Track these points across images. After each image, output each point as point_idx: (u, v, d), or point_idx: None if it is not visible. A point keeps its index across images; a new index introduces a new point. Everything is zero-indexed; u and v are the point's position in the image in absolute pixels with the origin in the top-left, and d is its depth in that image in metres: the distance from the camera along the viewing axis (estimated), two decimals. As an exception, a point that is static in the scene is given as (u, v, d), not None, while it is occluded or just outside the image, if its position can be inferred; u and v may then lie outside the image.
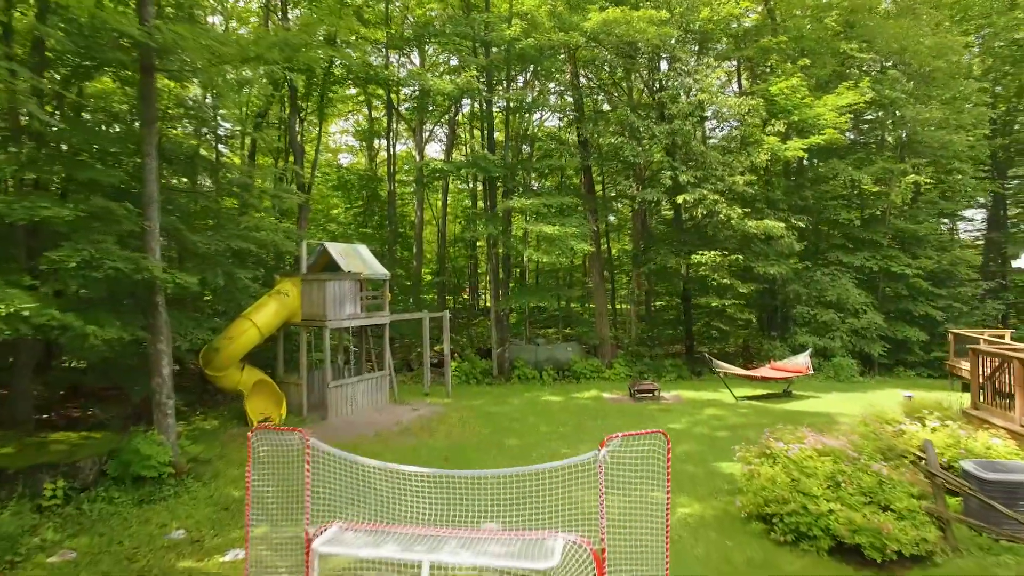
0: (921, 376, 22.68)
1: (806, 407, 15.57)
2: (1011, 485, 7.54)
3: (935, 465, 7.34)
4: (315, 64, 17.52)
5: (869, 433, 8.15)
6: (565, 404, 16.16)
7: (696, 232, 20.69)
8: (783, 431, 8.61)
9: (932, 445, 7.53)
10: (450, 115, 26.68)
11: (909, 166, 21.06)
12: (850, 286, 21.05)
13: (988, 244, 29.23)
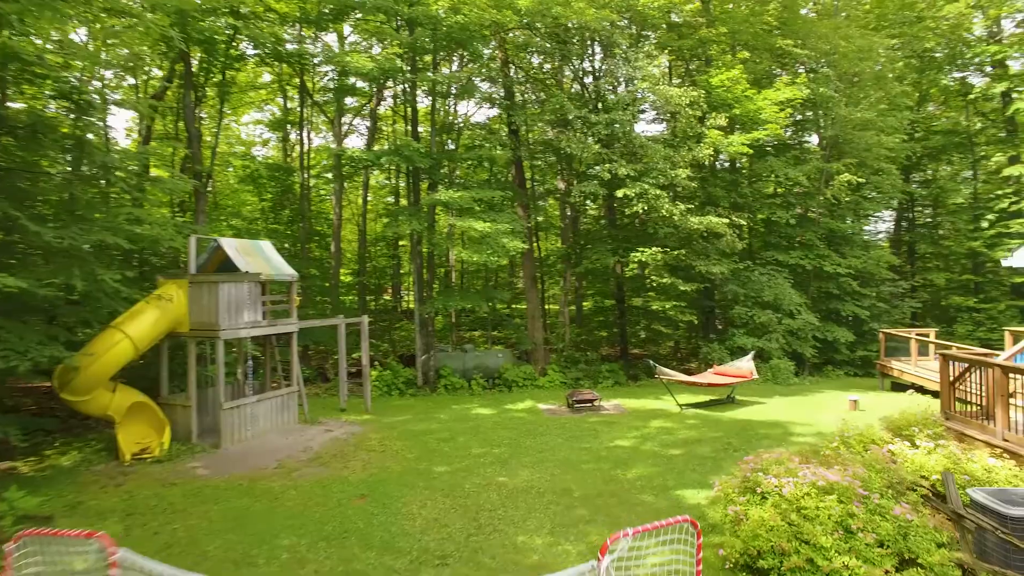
0: (848, 375, 22.38)
1: (754, 415, 14.50)
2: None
3: (957, 502, 6.07)
4: (216, 34, 15.15)
5: (872, 462, 6.80)
6: (498, 418, 14.45)
7: (634, 229, 19.47)
8: (770, 462, 7.16)
9: (953, 478, 6.27)
10: (372, 106, 24.49)
11: (842, 165, 20.59)
12: (787, 286, 20.37)
13: (897, 244, 29.65)
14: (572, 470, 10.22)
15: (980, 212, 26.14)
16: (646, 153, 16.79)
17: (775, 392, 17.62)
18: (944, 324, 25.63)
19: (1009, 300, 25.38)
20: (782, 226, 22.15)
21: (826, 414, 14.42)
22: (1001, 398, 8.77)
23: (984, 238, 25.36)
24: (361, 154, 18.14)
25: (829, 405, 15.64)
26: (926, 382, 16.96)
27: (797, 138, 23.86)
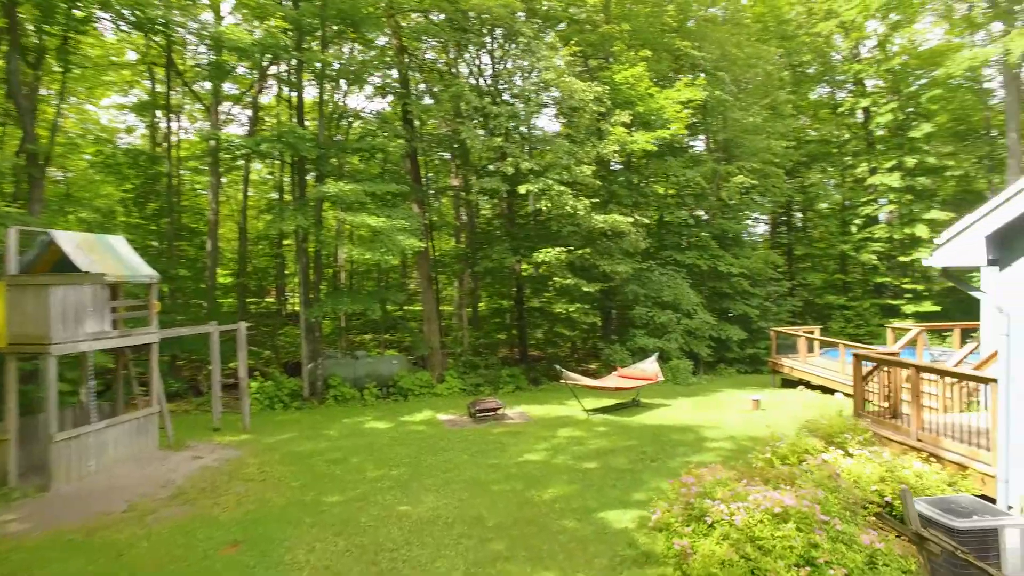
0: (740, 372, 22.76)
1: (662, 419, 13.97)
2: (985, 533, 5.94)
3: (917, 522, 5.47)
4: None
5: (823, 480, 6.13)
6: (395, 433, 13.05)
7: (535, 228, 18.61)
8: (713, 484, 6.33)
9: (911, 496, 5.68)
10: (253, 94, 22.09)
11: (736, 168, 20.82)
12: (685, 286, 20.29)
13: (775, 246, 30.85)
14: (482, 492, 9.07)
15: (848, 217, 27.62)
16: (550, 148, 15.95)
17: (677, 393, 17.31)
18: (819, 321, 26.79)
19: (872, 299, 26.93)
20: (678, 226, 22.17)
21: (731, 415, 14.18)
22: (915, 397, 8.52)
23: (852, 242, 26.79)
24: (240, 140, 16.05)
25: (732, 405, 15.46)
26: (814, 378, 17.29)
27: (691, 140, 24.06)
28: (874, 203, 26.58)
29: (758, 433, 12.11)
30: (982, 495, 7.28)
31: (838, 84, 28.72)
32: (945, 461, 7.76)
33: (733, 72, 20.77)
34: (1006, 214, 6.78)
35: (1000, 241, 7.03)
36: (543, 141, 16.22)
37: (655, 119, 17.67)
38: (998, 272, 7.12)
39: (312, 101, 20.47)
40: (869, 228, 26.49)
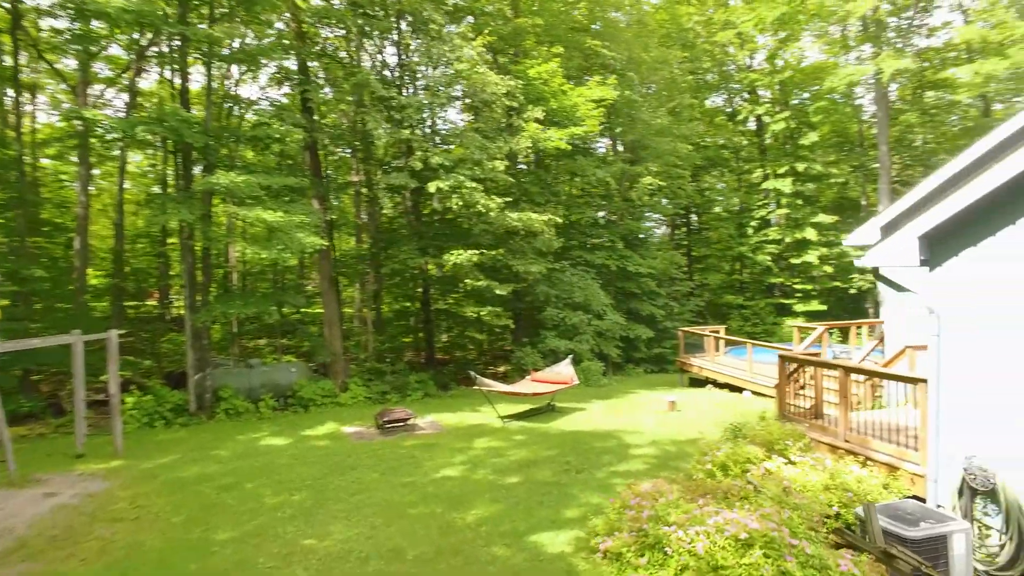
0: (647, 372, 22.84)
1: (580, 424, 13.42)
2: (936, 541, 5.65)
3: (880, 536, 5.04)
4: None
5: (781, 495, 5.62)
6: (296, 450, 11.71)
7: (444, 226, 17.63)
8: (665, 507, 5.68)
9: (875, 510, 5.25)
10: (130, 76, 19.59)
11: (645, 168, 20.78)
12: (596, 287, 19.99)
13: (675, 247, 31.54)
14: (398, 517, 8.05)
15: (744, 220, 28.61)
16: (461, 142, 15.05)
17: (590, 396, 16.89)
18: (719, 320, 27.53)
19: (766, 298, 28.01)
20: (588, 226, 21.91)
21: (648, 417, 13.85)
22: (844, 398, 8.33)
23: (749, 244, 27.74)
24: (112, 122, 13.95)
25: (647, 407, 15.18)
26: (722, 376, 17.44)
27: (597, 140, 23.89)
28: (768, 207, 27.67)
29: (680, 436, 11.84)
30: (914, 496, 7.12)
31: (734, 92, 29.71)
32: (874, 462, 7.57)
33: (640, 74, 20.75)
34: (939, 215, 6.59)
35: (931, 242, 6.85)
36: (454, 135, 15.29)
37: (568, 117, 17.20)
38: (928, 272, 6.95)
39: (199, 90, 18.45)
40: (763, 231, 27.54)
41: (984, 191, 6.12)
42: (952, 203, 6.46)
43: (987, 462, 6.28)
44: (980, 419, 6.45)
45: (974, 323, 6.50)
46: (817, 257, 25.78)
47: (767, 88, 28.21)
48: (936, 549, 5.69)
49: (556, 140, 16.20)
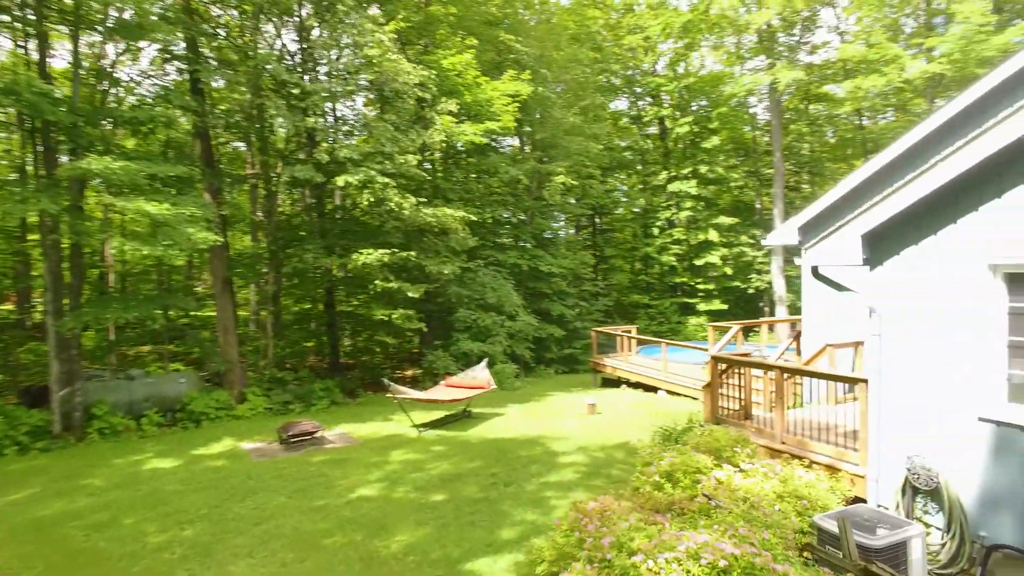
0: (558, 373, 22.53)
1: (500, 431, 12.75)
2: (897, 548, 5.40)
3: (854, 551, 4.67)
4: None
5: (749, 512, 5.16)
6: (187, 473, 10.27)
7: (352, 223, 16.40)
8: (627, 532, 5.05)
9: (849, 523, 4.88)
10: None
11: (557, 167, 20.42)
12: (509, 287, 19.40)
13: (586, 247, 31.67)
14: (312, 550, 7.03)
15: (650, 221, 29.06)
16: (371, 133, 13.95)
17: (506, 400, 16.25)
18: (627, 319, 27.80)
19: (671, 298, 28.59)
20: (500, 225, 21.30)
21: (569, 421, 13.38)
22: (780, 399, 8.12)
23: (654, 244, 28.19)
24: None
25: (566, 410, 14.72)
26: (636, 376, 17.35)
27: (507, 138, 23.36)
28: (672, 208, 28.23)
29: (608, 441, 11.42)
30: (856, 497, 6.97)
31: (639, 96, 30.13)
32: (814, 463, 7.37)
33: (552, 72, 20.39)
34: (882, 213, 6.43)
35: (872, 241, 6.70)
36: (363, 126, 14.15)
37: (483, 111, 16.48)
38: (869, 272, 6.80)
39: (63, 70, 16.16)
40: (668, 232, 28.09)
41: (928, 190, 5.99)
42: (896, 202, 6.32)
43: (928, 461, 6.15)
44: (921, 418, 6.35)
45: (915, 322, 6.39)
46: (719, 258, 26.59)
47: (670, 93, 28.82)
48: (897, 556, 5.45)
49: (471, 134, 15.43)
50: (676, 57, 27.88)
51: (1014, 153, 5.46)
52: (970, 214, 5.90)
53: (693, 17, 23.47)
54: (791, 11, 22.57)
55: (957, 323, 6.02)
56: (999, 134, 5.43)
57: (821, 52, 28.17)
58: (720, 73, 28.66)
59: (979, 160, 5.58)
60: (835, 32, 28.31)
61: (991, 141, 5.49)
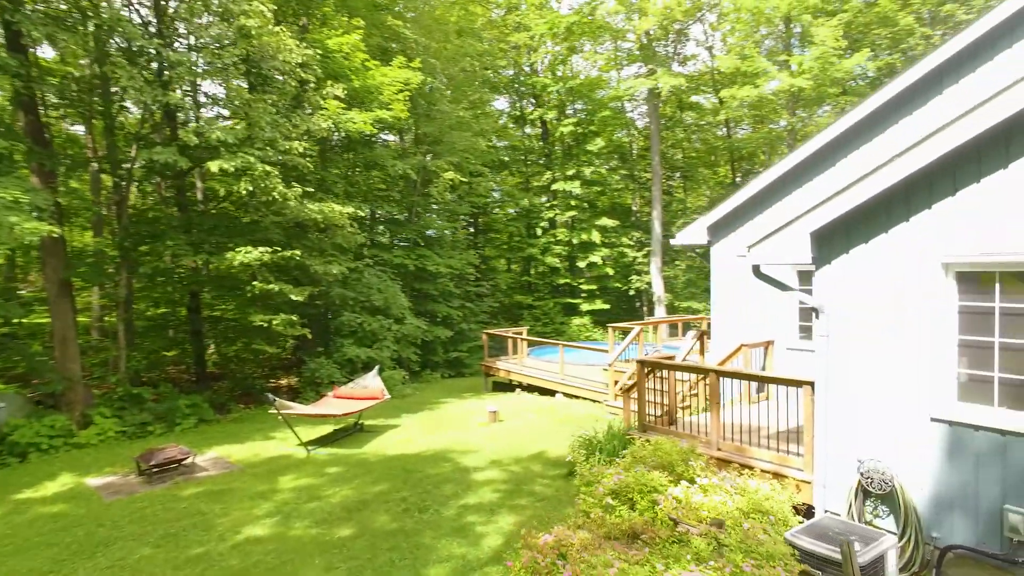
0: (445, 377, 21.47)
1: (400, 446, 11.57)
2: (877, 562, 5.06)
3: None
4: None
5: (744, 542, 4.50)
6: (7, 527, 8.11)
7: (222, 217, 14.29)
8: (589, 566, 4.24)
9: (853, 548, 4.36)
10: None
11: (445, 163, 19.32)
12: (396, 289, 18.04)
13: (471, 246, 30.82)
14: (194, 620, 5.54)
15: (534, 221, 28.73)
16: (248, 115, 12.12)
17: (398, 409, 14.99)
18: (511, 321, 27.28)
19: (554, 299, 28.45)
20: (386, 223, 19.86)
21: (473, 432, 12.45)
22: (715, 404, 7.72)
23: (538, 245, 27.88)
24: None
25: (466, 419, 13.76)
26: (533, 380, 16.75)
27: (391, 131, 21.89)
28: (556, 209, 28.06)
29: (521, 452, 10.62)
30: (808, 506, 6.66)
31: (523, 95, 29.71)
32: (755, 470, 6.99)
33: (441, 62, 19.26)
34: (832, 211, 6.14)
35: (819, 240, 6.42)
36: (240, 106, 12.25)
37: (372, 98, 15.03)
38: (816, 271, 6.53)
39: None
40: (551, 232, 27.89)
41: (881, 188, 5.75)
42: (847, 199, 6.04)
43: (881, 464, 5.91)
44: (872, 421, 6.14)
45: (865, 322, 6.14)
46: (601, 258, 26.77)
47: (550, 95, 28.67)
48: (876, 570, 5.11)
49: (360, 123, 13.95)
50: (559, 58, 27.80)
51: (967, 152, 5.30)
52: (923, 212, 5.70)
53: (578, 19, 23.41)
54: (668, 21, 23.18)
55: (908, 322, 5.82)
56: (956, 132, 5.23)
57: (690, 64, 29.49)
58: (599, 79, 28.99)
59: (934, 158, 5.37)
60: (703, 47, 29.77)
61: (948, 139, 5.29)
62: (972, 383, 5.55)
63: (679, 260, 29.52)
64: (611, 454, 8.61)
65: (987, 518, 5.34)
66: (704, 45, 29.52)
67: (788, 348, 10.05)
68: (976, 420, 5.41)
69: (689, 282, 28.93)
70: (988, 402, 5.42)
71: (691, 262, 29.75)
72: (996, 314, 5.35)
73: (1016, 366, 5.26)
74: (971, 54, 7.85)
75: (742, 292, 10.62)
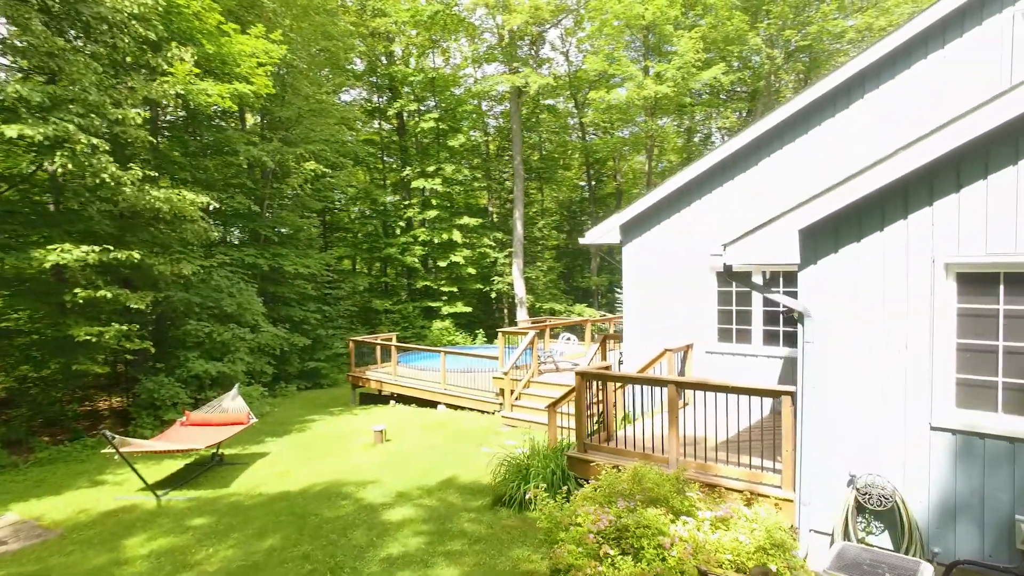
0: (302, 389, 19.11)
1: (281, 480, 9.56)
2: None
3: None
4: None
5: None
6: None
7: (22, 203, 10.94)
8: None
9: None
10: None
11: (305, 151, 16.97)
12: (252, 292, 15.47)
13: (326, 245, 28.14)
14: None
15: (392, 220, 26.77)
16: (63, 67, 9.26)
17: (259, 432, 12.71)
18: (368, 326, 25.19)
19: (414, 301, 26.78)
20: (237, 216, 17.03)
21: (361, 457, 10.73)
22: (674, 419, 6.95)
23: (397, 244, 25.99)
24: None
25: (347, 441, 11.92)
26: (410, 391, 15.24)
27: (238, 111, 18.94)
28: (415, 207, 26.37)
29: (427, 480, 9.15)
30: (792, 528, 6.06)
31: (382, 87, 27.53)
32: (721, 489, 6.31)
33: (303, 39, 16.84)
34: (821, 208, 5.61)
35: (804, 239, 5.87)
36: (50, 56, 9.30)
37: (230, 69, 12.48)
38: (801, 272, 5.97)
39: None
40: (411, 231, 26.16)
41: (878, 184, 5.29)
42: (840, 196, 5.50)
43: (880, 478, 5.45)
44: (865, 432, 5.67)
45: (856, 326, 5.66)
46: (463, 259, 25.57)
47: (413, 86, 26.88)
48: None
49: (216, 95, 11.43)
50: (420, 49, 26.16)
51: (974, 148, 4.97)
52: (923, 209, 5.30)
53: (442, 8, 22.05)
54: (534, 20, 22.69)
55: (904, 326, 5.40)
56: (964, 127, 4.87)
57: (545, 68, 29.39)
58: (454, 75, 27.83)
59: (938, 154, 4.98)
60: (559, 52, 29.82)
61: (956, 135, 4.91)
62: (975, 389, 5.24)
63: (539, 261, 29.36)
64: (549, 481, 7.54)
65: (995, 530, 5.04)
66: (560, 50, 29.61)
67: (707, 352, 9.69)
68: (981, 427, 5.09)
69: (551, 283, 28.85)
70: (992, 408, 5.14)
71: (552, 264, 29.74)
72: (1000, 316, 5.08)
73: (1020, 371, 5.02)
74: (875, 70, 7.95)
75: (658, 293, 10.11)
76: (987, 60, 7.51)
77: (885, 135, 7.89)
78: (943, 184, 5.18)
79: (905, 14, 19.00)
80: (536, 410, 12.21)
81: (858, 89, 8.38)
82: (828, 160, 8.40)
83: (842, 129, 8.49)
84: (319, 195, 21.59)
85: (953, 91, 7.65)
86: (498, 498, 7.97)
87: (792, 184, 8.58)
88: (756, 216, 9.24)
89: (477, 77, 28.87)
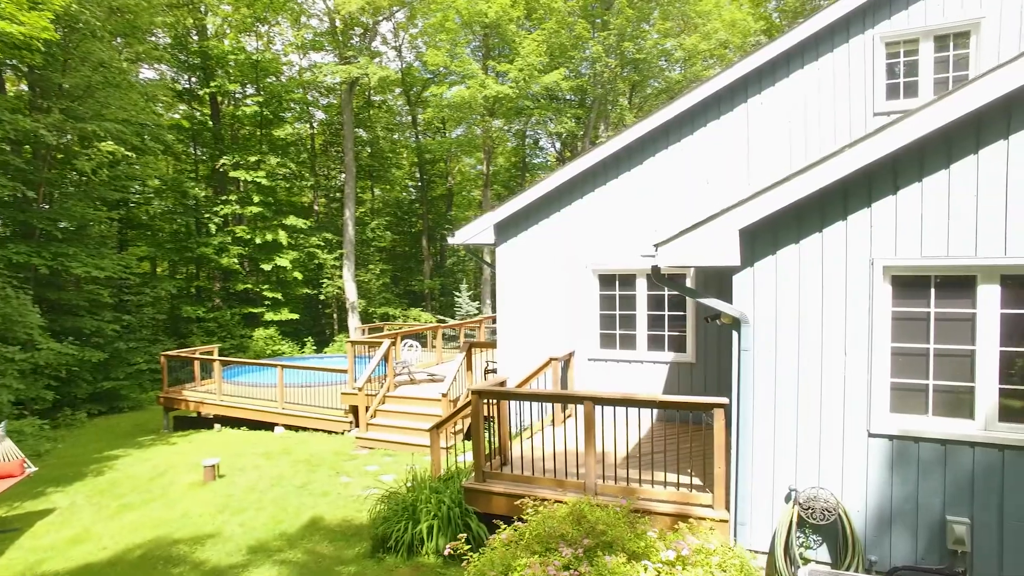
0: (93, 416, 15.60)
1: (80, 548, 7.26)
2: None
3: None
4: None
5: None
6: None
7: None
8: None
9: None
10: None
11: (97, 128, 13.65)
12: (25, 301, 12.03)
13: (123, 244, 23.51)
14: None
15: (206, 217, 23.11)
16: None
17: (41, 480, 9.80)
18: (177, 336, 21.50)
19: (233, 308, 23.46)
20: (1, 205, 13.21)
21: (188, 502, 8.60)
22: (591, 440, 6.20)
23: (212, 244, 22.50)
24: None
25: (168, 481, 9.58)
26: (240, 412, 12.98)
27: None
28: (234, 203, 23.01)
29: (287, 527, 7.52)
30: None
31: (192, 67, 23.57)
32: (653, 514, 5.68)
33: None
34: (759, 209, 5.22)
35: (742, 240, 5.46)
36: None
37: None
38: (737, 275, 5.55)
39: None
40: (229, 229, 22.79)
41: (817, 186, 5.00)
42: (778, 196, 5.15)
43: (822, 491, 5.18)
44: (803, 442, 5.34)
45: (792, 332, 5.34)
46: (289, 261, 22.83)
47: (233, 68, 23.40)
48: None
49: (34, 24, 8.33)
50: (237, 28, 22.86)
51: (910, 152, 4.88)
52: (862, 211, 5.11)
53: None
54: (373, 8, 20.99)
55: (841, 331, 5.18)
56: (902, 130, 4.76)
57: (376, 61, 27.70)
58: (278, 60, 24.93)
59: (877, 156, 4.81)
60: (392, 47, 28.26)
61: (890, 137, 4.78)
62: (908, 393, 5.15)
63: (372, 264, 27.39)
64: (445, 519, 6.38)
65: (928, 532, 4.95)
66: (392, 45, 28.04)
67: (590, 359, 9.15)
68: (915, 431, 4.98)
69: (383, 287, 27.11)
70: (923, 411, 5.07)
71: (384, 266, 27.95)
72: (931, 319, 5.03)
73: (949, 373, 5.00)
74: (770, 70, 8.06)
75: (536, 297, 9.38)
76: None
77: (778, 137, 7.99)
78: (881, 186, 5.01)
79: (722, 40, 20.76)
80: (396, 428, 10.88)
81: (741, 92, 8.39)
82: (714, 164, 8.33)
83: (724, 131, 8.46)
84: (117, 183, 17.79)
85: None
86: (380, 542, 6.60)
87: (682, 185, 8.40)
88: (644, 217, 9.04)
89: (303, 66, 26.28)
